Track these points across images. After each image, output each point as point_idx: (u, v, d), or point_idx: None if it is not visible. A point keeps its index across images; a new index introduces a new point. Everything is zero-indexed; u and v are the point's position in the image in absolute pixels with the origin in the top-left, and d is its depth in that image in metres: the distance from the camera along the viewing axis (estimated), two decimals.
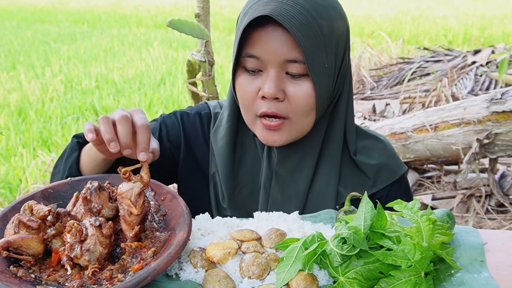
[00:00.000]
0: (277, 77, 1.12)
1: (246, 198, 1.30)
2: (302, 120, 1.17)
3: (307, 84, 1.13)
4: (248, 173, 1.30)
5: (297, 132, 1.19)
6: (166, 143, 1.34)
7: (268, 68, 1.13)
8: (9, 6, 18.51)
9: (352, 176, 1.27)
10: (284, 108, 1.14)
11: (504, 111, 2.95)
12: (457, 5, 16.01)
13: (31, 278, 0.86)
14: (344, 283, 0.82)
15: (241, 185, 1.30)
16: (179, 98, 6.30)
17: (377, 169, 1.27)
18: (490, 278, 0.87)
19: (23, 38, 11.03)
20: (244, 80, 1.17)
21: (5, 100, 6.23)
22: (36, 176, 3.94)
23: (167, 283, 0.86)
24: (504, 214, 3.17)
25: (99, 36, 11.51)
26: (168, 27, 2.17)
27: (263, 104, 1.15)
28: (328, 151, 1.25)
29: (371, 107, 5.00)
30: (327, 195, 1.24)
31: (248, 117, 1.20)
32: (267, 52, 1.11)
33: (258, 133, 1.20)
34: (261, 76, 1.15)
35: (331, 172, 1.25)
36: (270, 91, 1.11)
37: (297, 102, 1.13)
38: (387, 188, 1.28)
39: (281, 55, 1.10)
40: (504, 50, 5.84)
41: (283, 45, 1.10)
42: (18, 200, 1.01)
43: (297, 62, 1.11)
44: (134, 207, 0.90)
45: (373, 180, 1.26)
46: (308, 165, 1.25)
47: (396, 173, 1.29)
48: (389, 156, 1.30)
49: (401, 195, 1.30)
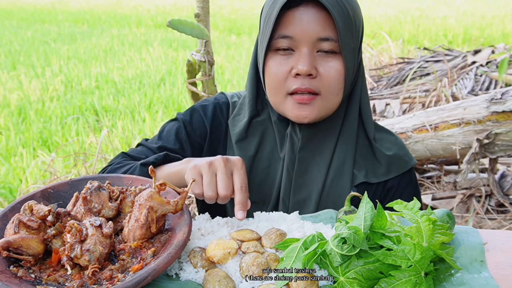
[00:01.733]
0: (310, 55, 1.17)
1: (262, 183, 1.32)
2: (332, 97, 1.22)
3: (337, 62, 1.19)
4: (265, 159, 1.33)
5: (326, 110, 1.24)
6: (196, 139, 1.37)
7: (301, 47, 1.18)
8: (9, 6, 18.51)
9: (366, 160, 1.31)
10: (317, 84, 1.19)
11: (504, 111, 2.95)
12: (457, 5, 16.00)
13: (31, 278, 0.86)
14: (344, 283, 0.82)
15: (257, 170, 1.32)
16: (179, 98, 6.30)
17: (391, 158, 1.32)
18: (490, 278, 0.87)
19: (23, 38, 11.03)
20: (275, 61, 1.21)
21: (5, 100, 6.24)
22: (36, 176, 3.94)
23: (167, 283, 0.86)
24: (504, 214, 3.17)
25: (99, 36, 11.51)
26: (168, 27, 2.17)
27: (296, 81, 1.19)
28: (345, 134, 1.31)
29: (371, 107, 5.00)
30: (343, 177, 1.29)
31: (277, 97, 1.24)
32: (301, 31, 1.16)
33: (289, 110, 1.23)
34: (293, 55, 1.20)
35: (347, 155, 1.30)
36: (305, 67, 1.16)
37: (329, 79, 1.19)
38: (398, 178, 1.32)
39: (315, 33, 1.16)
40: (504, 50, 5.84)
41: (316, 23, 1.16)
42: (18, 200, 1.01)
43: (329, 40, 1.17)
44: (154, 224, 0.90)
45: (386, 168, 1.31)
46: (329, 147, 1.30)
47: (408, 164, 1.34)
48: (400, 148, 1.36)
49: (410, 187, 1.35)
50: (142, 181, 1.06)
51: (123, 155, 1.35)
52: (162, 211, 0.92)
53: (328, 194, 1.28)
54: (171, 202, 0.93)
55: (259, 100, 1.34)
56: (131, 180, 1.07)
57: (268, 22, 1.19)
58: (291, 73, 1.20)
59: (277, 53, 1.21)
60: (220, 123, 1.39)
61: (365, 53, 6.89)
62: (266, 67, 1.23)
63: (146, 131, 4.94)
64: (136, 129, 5.04)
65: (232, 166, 1.09)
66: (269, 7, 1.21)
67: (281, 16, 1.17)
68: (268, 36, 1.18)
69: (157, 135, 1.40)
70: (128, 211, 0.98)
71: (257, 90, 1.33)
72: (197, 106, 1.42)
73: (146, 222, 0.90)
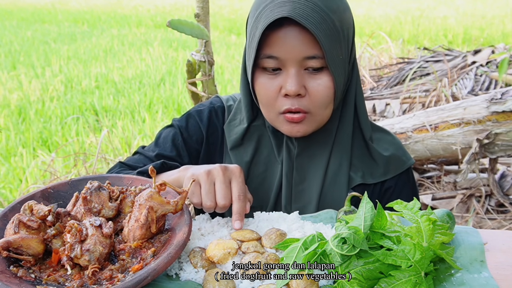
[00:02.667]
0: (298, 74, 1.17)
1: (259, 187, 1.32)
2: (322, 112, 1.22)
3: (325, 78, 1.18)
4: (261, 164, 1.33)
5: (317, 123, 1.24)
6: (192, 144, 1.38)
7: (288, 67, 1.17)
8: (9, 6, 18.51)
9: (363, 162, 1.31)
10: (306, 103, 1.19)
11: (504, 111, 2.95)
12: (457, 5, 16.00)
13: (31, 278, 0.86)
14: (344, 283, 0.82)
15: (254, 175, 1.33)
16: (179, 98, 6.30)
17: (388, 159, 1.31)
18: (490, 278, 0.87)
19: (23, 38, 11.03)
20: (264, 80, 1.20)
21: (5, 100, 6.24)
22: (36, 176, 3.94)
23: (167, 283, 0.86)
24: (504, 214, 3.17)
25: (99, 36, 11.51)
26: (168, 27, 2.17)
27: (286, 102, 1.19)
28: (340, 137, 1.31)
29: (371, 107, 5.00)
30: (340, 181, 1.29)
31: (270, 114, 1.24)
32: (286, 52, 1.15)
33: (282, 128, 1.24)
34: (281, 74, 1.19)
35: (343, 158, 1.30)
36: (293, 88, 1.16)
37: (318, 96, 1.19)
38: (396, 178, 1.32)
39: (300, 53, 1.15)
40: (504, 50, 5.84)
41: (301, 43, 1.14)
42: (18, 200, 1.01)
43: (315, 58, 1.15)
44: (154, 224, 0.90)
45: (383, 168, 1.31)
46: (325, 153, 1.30)
47: (405, 164, 1.34)
48: (398, 148, 1.35)
49: (408, 187, 1.34)
50: (142, 181, 1.06)
51: (121, 164, 1.35)
52: (162, 211, 0.92)
53: (326, 199, 1.28)
54: (171, 202, 0.93)
55: (254, 105, 1.33)
56: (131, 180, 1.07)
57: (252, 41, 1.18)
58: (280, 92, 1.19)
59: (264, 71, 1.20)
60: (216, 128, 1.39)
61: (365, 53, 6.89)
62: (256, 84, 1.22)
63: (146, 131, 4.94)
64: (136, 129, 5.03)
65: (231, 175, 1.09)
66: (253, 23, 1.19)
67: (265, 35, 1.15)
68: (254, 54, 1.17)
69: (153, 142, 1.40)
70: (128, 211, 0.98)
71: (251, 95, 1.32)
72: (193, 111, 1.42)
73: (146, 222, 0.90)
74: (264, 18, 1.13)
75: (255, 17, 1.18)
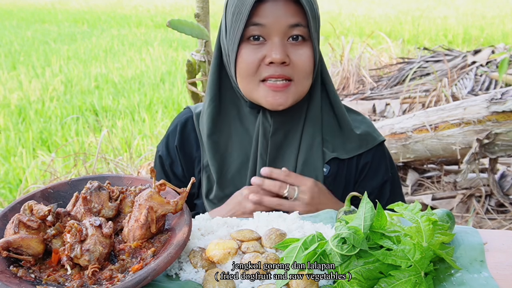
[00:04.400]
0: (282, 44, 1.23)
1: (235, 174, 1.35)
2: (304, 82, 1.28)
3: (307, 49, 1.26)
4: (235, 149, 1.36)
5: (299, 94, 1.29)
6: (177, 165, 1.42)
7: (272, 37, 1.24)
8: (9, 6, 18.50)
9: (335, 137, 1.36)
10: (290, 71, 1.25)
11: (504, 111, 2.95)
12: (457, 5, 16.00)
13: (31, 278, 0.86)
14: (344, 283, 0.82)
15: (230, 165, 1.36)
16: (179, 98, 6.30)
17: (360, 135, 1.37)
18: (490, 278, 0.87)
19: (23, 38, 11.03)
20: (248, 50, 1.25)
21: (5, 100, 6.24)
22: (36, 176, 3.94)
23: (167, 283, 0.86)
24: (504, 214, 3.17)
25: (99, 36, 11.51)
26: (168, 27, 2.17)
27: (269, 69, 1.24)
28: (311, 114, 1.35)
29: (371, 107, 5.00)
30: (314, 156, 1.34)
31: (250, 84, 1.28)
32: (272, 20, 1.22)
33: (263, 98, 1.27)
34: (265, 45, 1.25)
35: (315, 134, 1.34)
36: (278, 56, 1.22)
37: (301, 65, 1.25)
38: (372, 153, 1.37)
39: (285, 21, 1.23)
40: (504, 50, 5.84)
41: (286, 12, 1.23)
42: (18, 200, 1.01)
43: (299, 26, 1.23)
44: (154, 224, 0.90)
45: (356, 143, 1.36)
46: (298, 129, 1.35)
47: (377, 139, 1.39)
48: (368, 126, 1.42)
49: (385, 160, 1.40)
50: (142, 181, 1.06)
51: None
52: (162, 211, 0.92)
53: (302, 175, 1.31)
54: (171, 202, 0.93)
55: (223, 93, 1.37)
56: (131, 180, 1.07)
57: (239, 14, 1.23)
58: (264, 61, 1.24)
59: (248, 42, 1.25)
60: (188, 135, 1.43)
61: (365, 53, 6.89)
62: (239, 57, 1.26)
63: (146, 131, 4.94)
64: (136, 129, 5.03)
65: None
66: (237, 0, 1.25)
67: (252, 7, 1.22)
68: (242, 26, 1.22)
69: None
70: (128, 211, 0.98)
71: (220, 81, 1.36)
72: (169, 130, 1.46)
73: (146, 222, 0.90)
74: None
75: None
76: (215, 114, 1.36)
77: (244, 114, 1.37)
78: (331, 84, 1.38)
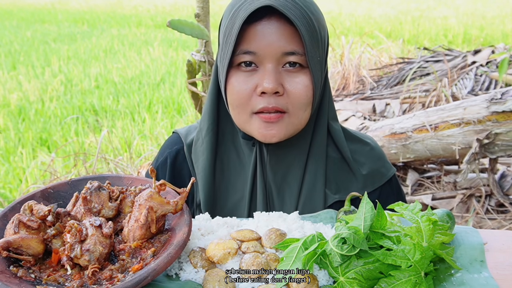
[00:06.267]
0: (276, 71, 1.10)
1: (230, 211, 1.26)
2: (300, 114, 1.15)
3: (305, 77, 1.12)
4: (231, 186, 1.26)
5: (294, 127, 1.17)
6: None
7: (265, 63, 1.11)
8: (9, 6, 18.52)
9: (339, 177, 1.25)
10: (284, 102, 1.12)
11: (504, 111, 2.95)
12: (457, 5, 16.01)
13: (31, 278, 0.86)
14: (344, 283, 0.82)
15: (223, 201, 1.27)
16: (178, 98, 6.30)
17: (366, 176, 1.25)
18: (490, 278, 0.86)
19: (23, 38, 11.04)
20: (239, 78, 1.13)
21: (5, 100, 6.24)
22: (36, 176, 3.94)
23: (167, 283, 0.86)
24: (504, 214, 3.17)
25: (99, 36, 11.51)
26: (168, 27, 2.17)
27: (262, 100, 1.12)
28: (314, 151, 1.24)
29: (371, 107, 5.00)
30: (315, 199, 1.22)
31: (242, 116, 1.16)
32: (264, 46, 1.09)
33: (255, 130, 1.15)
34: (257, 72, 1.12)
35: (318, 174, 1.23)
36: (270, 85, 1.08)
37: (296, 95, 1.12)
38: (378, 192, 1.26)
39: (279, 48, 1.09)
40: (504, 50, 5.84)
41: (281, 37, 1.09)
42: (18, 200, 1.01)
43: (295, 54, 1.10)
44: (154, 224, 0.90)
45: (361, 183, 1.24)
46: (299, 167, 1.23)
47: (385, 176, 1.27)
48: (377, 160, 1.28)
49: (392, 197, 1.28)
50: (142, 181, 1.06)
51: None
52: (162, 211, 0.92)
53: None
54: (171, 202, 0.93)
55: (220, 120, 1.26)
56: (131, 180, 1.07)
57: (229, 38, 1.11)
58: (256, 91, 1.12)
59: (239, 69, 1.13)
60: (179, 170, 1.31)
61: (365, 53, 6.89)
62: (228, 85, 1.14)
63: (146, 131, 4.94)
64: (135, 129, 5.04)
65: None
66: (228, 21, 1.12)
67: (242, 31, 1.09)
68: (230, 52, 1.10)
69: None
70: (128, 211, 0.98)
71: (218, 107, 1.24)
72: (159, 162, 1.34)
73: (146, 222, 0.90)
74: (242, 11, 1.08)
75: (231, 15, 1.12)
76: (211, 149, 1.25)
77: (240, 145, 1.26)
78: (336, 120, 1.25)
